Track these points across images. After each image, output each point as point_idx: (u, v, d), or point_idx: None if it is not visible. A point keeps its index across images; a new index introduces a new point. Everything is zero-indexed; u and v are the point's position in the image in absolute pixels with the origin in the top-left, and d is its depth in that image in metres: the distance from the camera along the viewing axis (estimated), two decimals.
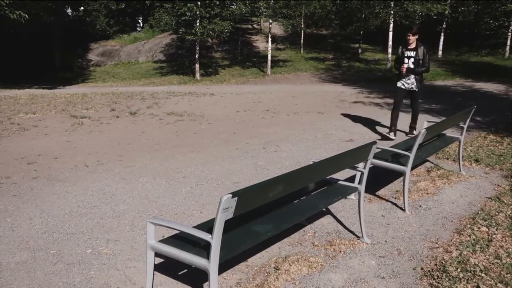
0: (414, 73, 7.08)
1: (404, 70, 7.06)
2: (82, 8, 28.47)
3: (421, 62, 6.99)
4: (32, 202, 4.57)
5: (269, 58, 21.21)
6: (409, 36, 6.98)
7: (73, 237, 3.77)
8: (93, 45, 27.33)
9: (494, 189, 4.95)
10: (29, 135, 7.79)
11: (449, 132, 5.86)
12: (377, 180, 5.13)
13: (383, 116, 9.70)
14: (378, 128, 8.34)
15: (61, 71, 23.40)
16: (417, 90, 7.20)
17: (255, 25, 30.12)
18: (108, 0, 29.84)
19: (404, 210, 4.34)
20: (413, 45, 7.03)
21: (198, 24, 19.63)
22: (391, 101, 12.10)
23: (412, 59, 7.01)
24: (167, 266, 3.22)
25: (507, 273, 3.12)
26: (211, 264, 2.42)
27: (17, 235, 3.79)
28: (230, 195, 2.31)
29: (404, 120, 8.25)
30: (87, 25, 28.41)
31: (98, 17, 28.84)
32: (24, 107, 10.84)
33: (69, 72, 23.27)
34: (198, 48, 20.63)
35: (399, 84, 7.29)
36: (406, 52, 7.06)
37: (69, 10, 28.47)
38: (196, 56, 20.77)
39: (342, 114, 9.94)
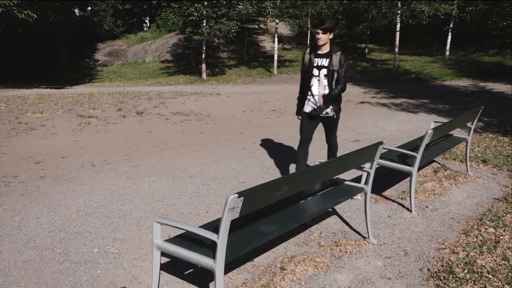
0: (330, 98, 4.57)
1: (322, 101, 4.57)
2: (89, 8, 28.62)
3: (336, 74, 4.53)
4: (40, 201, 4.60)
5: (276, 58, 21.19)
6: (318, 33, 4.45)
7: (80, 236, 3.79)
8: (100, 45, 27.45)
9: (502, 190, 4.92)
10: (36, 134, 7.83)
11: (457, 133, 5.83)
12: (384, 181, 5.11)
13: (390, 117, 9.67)
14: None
15: (68, 71, 23.53)
16: (334, 116, 4.69)
17: (261, 25, 30.12)
18: (115, 0, 29.97)
19: (410, 210, 4.33)
20: (325, 49, 4.56)
21: (205, 24, 19.67)
22: (398, 101, 12.11)
23: (325, 70, 4.55)
24: (173, 266, 3.23)
25: None
26: (217, 264, 2.42)
27: (24, 234, 3.82)
28: (236, 195, 2.31)
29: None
30: (94, 25, 28.56)
31: (105, 17, 29.01)
32: (32, 106, 10.91)
33: (76, 72, 23.39)
34: (204, 48, 20.67)
35: (306, 108, 4.76)
36: (316, 59, 4.60)
37: (76, 10, 28.61)
38: (203, 56, 20.80)
39: (349, 115, 9.91)
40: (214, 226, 2.61)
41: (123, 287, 3.02)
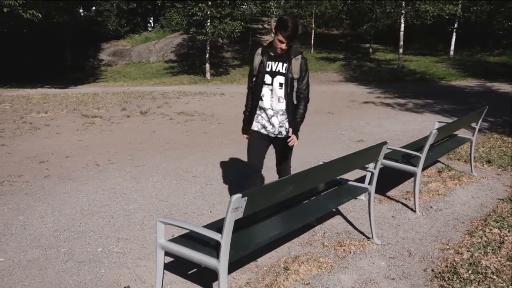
0: (299, 125, 3.65)
1: (294, 140, 3.58)
2: (93, 8, 28.70)
3: (295, 84, 3.58)
4: (44, 200, 4.61)
5: None
6: (279, 37, 3.43)
7: (84, 235, 3.80)
8: (104, 45, 27.50)
9: (506, 190, 4.90)
10: (41, 134, 7.86)
11: (461, 133, 5.81)
12: (388, 181, 5.10)
13: (394, 117, 9.65)
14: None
15: (72, 70, 23.59)
16: (290, 135, 3.59)
17: (265, 25, 30.10)
18: (119, 0, 30.03)
19: (414, 211, 4.31)
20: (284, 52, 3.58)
21: (209, 24, 19.68)
22: (403, 101, 12.08)
23: (281, 78, 3.56)
24: (176, 265, 3.23)
25: None
26: (221, 264, 2.42)
27: (28, 233, 3.83)
28: (240, 195, 2.31)
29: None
30: (98, 25, 28.62)
31: (109, 17, 29.03)
32: (36, 106, 10.94)
33: (81, 72, 23.45)
34: (208, 48, 20.67)
35: (255, 126, 3.73)
36: (270, 62, 3.59)
37: (80, 10, 28.70)
38: (207, 56, 20.81)
39: (352, 115, 9.90)
40: (218, 226, 2.61)
41: (127, 287, 3.02)
